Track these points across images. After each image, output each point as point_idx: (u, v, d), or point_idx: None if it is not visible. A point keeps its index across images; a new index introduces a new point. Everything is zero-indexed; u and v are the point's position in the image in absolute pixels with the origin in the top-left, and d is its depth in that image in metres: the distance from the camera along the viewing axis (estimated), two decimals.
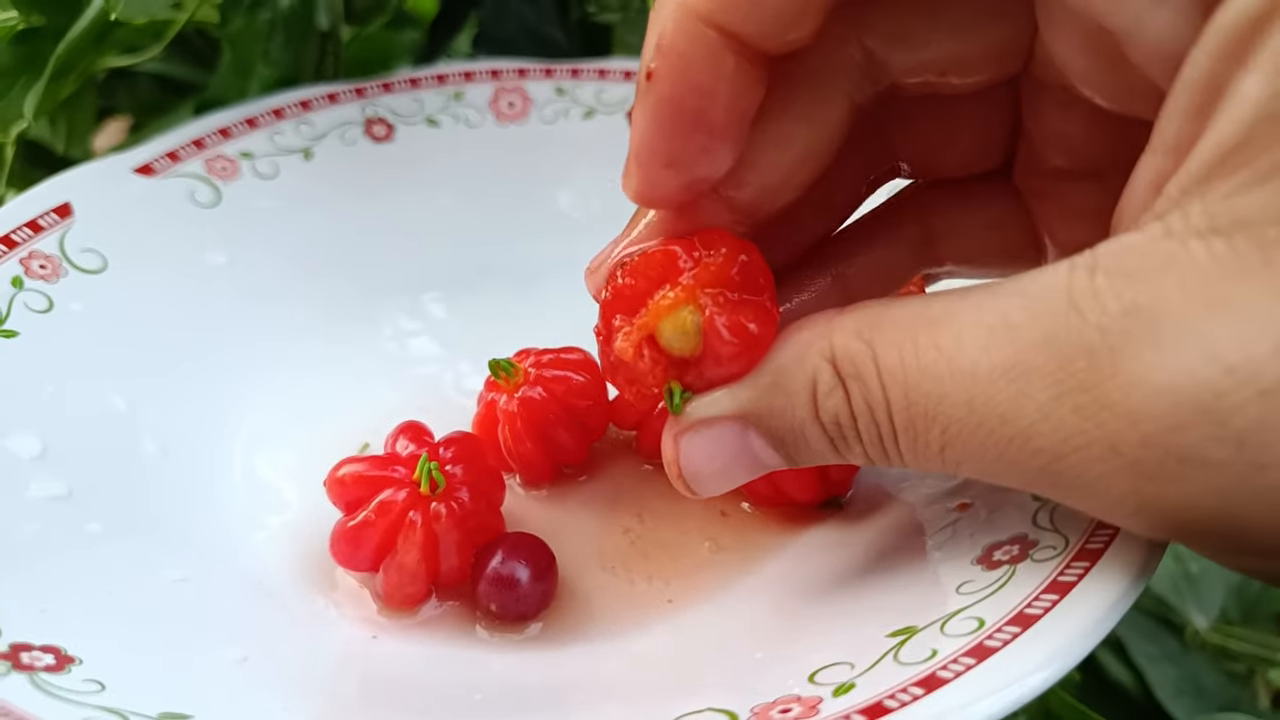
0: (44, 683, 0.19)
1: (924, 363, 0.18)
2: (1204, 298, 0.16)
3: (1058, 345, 0.17)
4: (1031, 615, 0.19)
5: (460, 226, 0.36)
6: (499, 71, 0.39)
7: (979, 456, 0.18)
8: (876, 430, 0.19)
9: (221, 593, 0.24)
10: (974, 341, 0.18)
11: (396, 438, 0.26)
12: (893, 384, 0.18)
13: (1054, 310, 0.17)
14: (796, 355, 0.20)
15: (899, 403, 0.18)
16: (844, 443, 0.20)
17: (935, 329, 0.18)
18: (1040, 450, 0.17)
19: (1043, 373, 0.17)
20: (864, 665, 0.19)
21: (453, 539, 0.24)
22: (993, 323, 0.17)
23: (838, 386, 0.19)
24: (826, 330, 0.19)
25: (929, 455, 0.19)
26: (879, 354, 0.19)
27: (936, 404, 0.18)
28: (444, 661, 0.23)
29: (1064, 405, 0.17)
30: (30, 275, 0.30)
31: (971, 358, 0.17)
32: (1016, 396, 0.17)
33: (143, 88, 0.49)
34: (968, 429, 0.18)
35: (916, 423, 0.18)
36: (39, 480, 0.26)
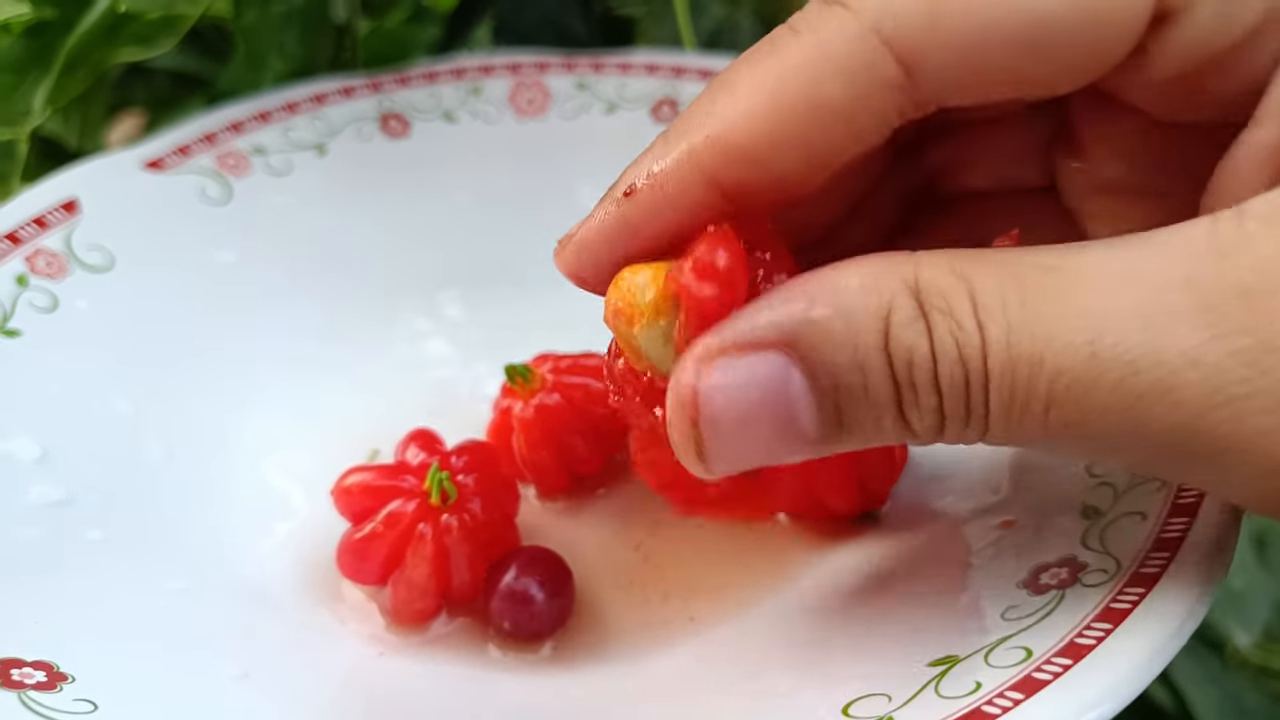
0: (33, 702, 0.18)
1: (1032, 302, 0.15)
2: None
3: (1204, 286, 0.15)
4: (1083, 646, 0.17)
5: (477, 225, 0.35)
6: (518, 65, 0.37)
7: (1098, 416, 0.15)
8: (964, 377, 0.15)
9: (223, 604, 0.23)
10: (1096, 284, 0.15)
11: (407, 446, 0.25)
12: (992, 322, 0.15)
13: (1196, 254, 0.15)
14: (866, 279, 0.16)
15: (998, 345, 0.15)
16: (913, 392, 0.16)
17: (1046, 270, 0.15)
18: (1182, 403, 0.15)
19: (1188, 315, 0.14)
20: (902, 698, 0.18)
21: (464, 552, 0.23)
22: (1119, 269, 0.15)
23: (919, 319, 0.16)
24: (910, 260, 0.16)
25: (1028, 416, 0.15)
26: (976, 290, 0.15)
27: (1046, 348, 0.15)
28: (454, 681, 0.22)
29: (1218, 349, 0.14)
30: (35, 273, 0.29)
31: (1094, 298, 0.15)
32: (1155, 340, 0.15)
33: (158, 82, 0.48)
34: (1087, 379, 0.15)
35: (1019, 371, 0.15)
36: (38, 485, 0.25)
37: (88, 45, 0.35)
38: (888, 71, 0.16)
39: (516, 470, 0.26)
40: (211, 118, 0.35)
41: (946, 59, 0.16)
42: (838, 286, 0.16)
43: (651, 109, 0.37)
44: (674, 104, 0.36)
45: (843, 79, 0.16)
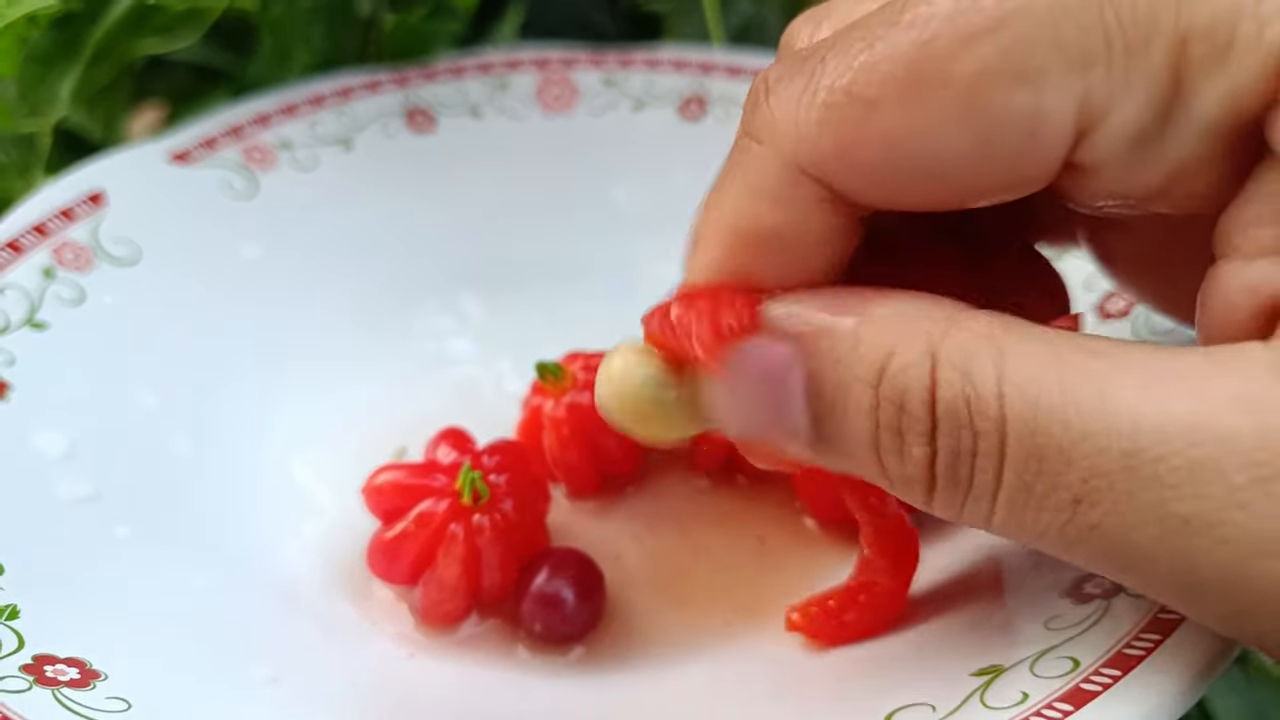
0: (67, 699, 0.18)
1: (1067, 385, 0.14)
2: None
3: (1260, 414, 0.14)
4: (1132, 656, 0.17)
5: (503, 222, 0.35)
6: (545, 61, 0.37)
7: (1134, 534, 0.14)
8: (972, 447, 0.15)
9: (253, 604, 0.23)
10: (1144, 383, 0.14)
11: (438, 444, 0.24)
12: (1019, 396, 0.14)
13: (1252, 374, 0.14)
14: (893, 314, 0.16)
15: (1020, 426, 0.14)
16: (895, 440, 0.15)
17: (1090, 356, 0.15)
18: (1227, 543, 0.14)
19: (1239, 444, 0.13)
20: (947, 708, 0.17)
21: (495, 553, 0.23)
22: (1172, 369, 0.14)
23: (921, 369, 0.15)
24: (949, 313, 0.15)
25: (1046, 508, 0.15)
26: (1008, 360, 0.15)
27: (1078, 444, 0.14)
28: (484, 684, 0.22)
29: (1269, 495, 0.13)
30: (62, 265, 0.29)
31: (1139, 401, 0.14)
32: (1201, 468, 0.14)
33: (180, 75, 0.48)
34: (1124, 490, 0.14)
35: (1045, 457, 0.14)
36: (66, 481, 0.25)
37: (114, 37, 0.35)
38: (815, 193, 0.17)
39: (546, 469, 0.26)
40: (237, 110, 0.35)
41: (863, 187, 0.16)
42: (866, 309, 0.16)
43: (679, 107, 0.36)
44: (702, 101, 0.36)
45: (782, 207, 0.17)
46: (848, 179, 0.16)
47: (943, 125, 0.15)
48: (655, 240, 0.34)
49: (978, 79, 0.15)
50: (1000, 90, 0.15)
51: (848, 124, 0.16)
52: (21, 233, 0.29)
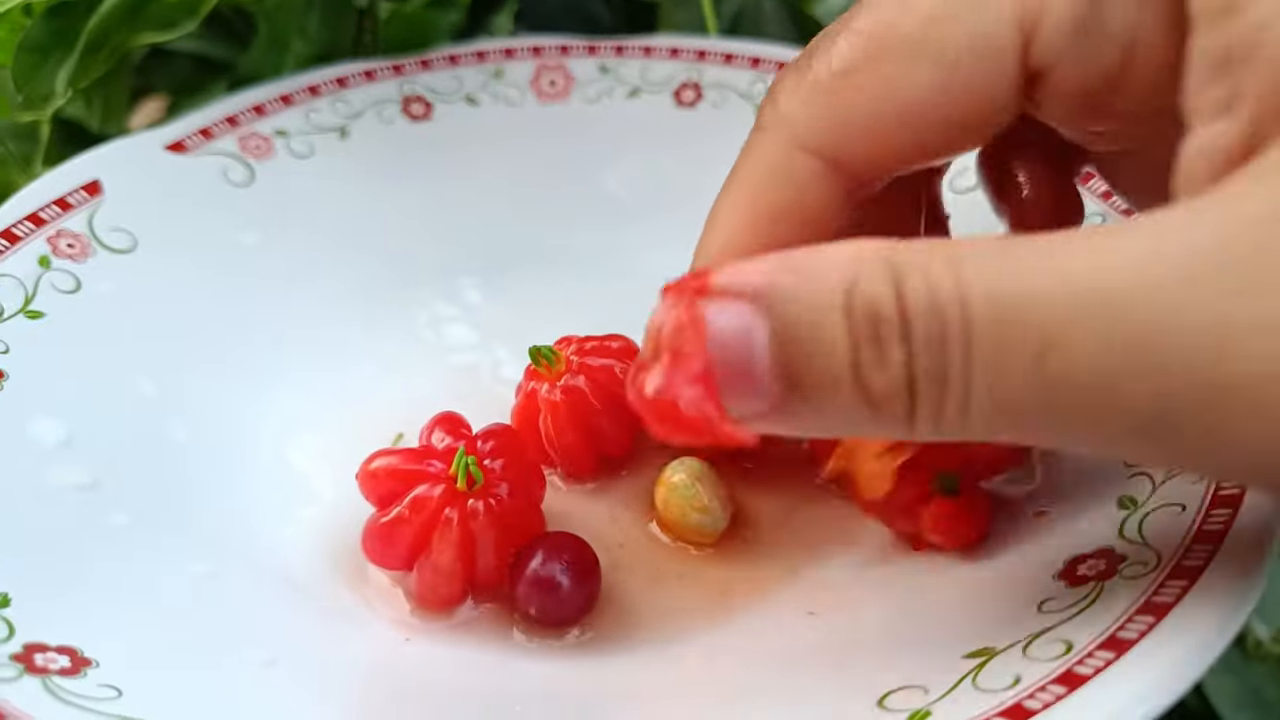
0: (57, 687, 0.18)
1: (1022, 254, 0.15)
2: None
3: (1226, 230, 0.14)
4: (1126, 640, 0.17)
5: (500, 209, 0.35)
6: (540, 48, 0.37)
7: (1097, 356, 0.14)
8: (940, 330, 0.15)
9: (249, 589, 0.23)
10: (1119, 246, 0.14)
11: (432, 429, 0.24)
12: (974, 272, 0.15)
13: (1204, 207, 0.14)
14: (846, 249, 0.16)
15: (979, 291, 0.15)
16: (875, 348, 0.15)
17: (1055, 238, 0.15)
18: (1207, 346, 0.14)
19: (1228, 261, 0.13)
20: (939, 690, 0.17)
21: (490, 538, 0.23)
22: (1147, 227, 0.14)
23: (886, 277, 0.15)
24: (897, 241, 0.16)
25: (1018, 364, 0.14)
26: (959, 249, 0.15)
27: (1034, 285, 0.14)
28: (480, 668, 0.22)
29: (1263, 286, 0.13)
30: (58, 254, 0.29)
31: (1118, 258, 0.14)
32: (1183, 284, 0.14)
33: (180, 66, 0.48)
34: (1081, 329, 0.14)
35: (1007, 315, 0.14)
36: (63, 469, 0.25)
37: (110, 26, 0.35)
38: (814, 167, 0.19)
39: (542, 454, 0.26)
40: (233, 100, 0.35)
41: (856, 150, 0.19)
42: (818, 254, 0.16)
43: (674, 92, 0.36)
44: (697, 87, 0.36)
45: (784, 184, 0.19)
46: (840, 144, 0.18)
47: (906, 68, 0.17)
48: (651, 225, 0.34)
49: (926, 21, 0.17)
50: (944, 23, 0.17)
51: (832, 95, 0.18)
52: (17, 222, 0.29)
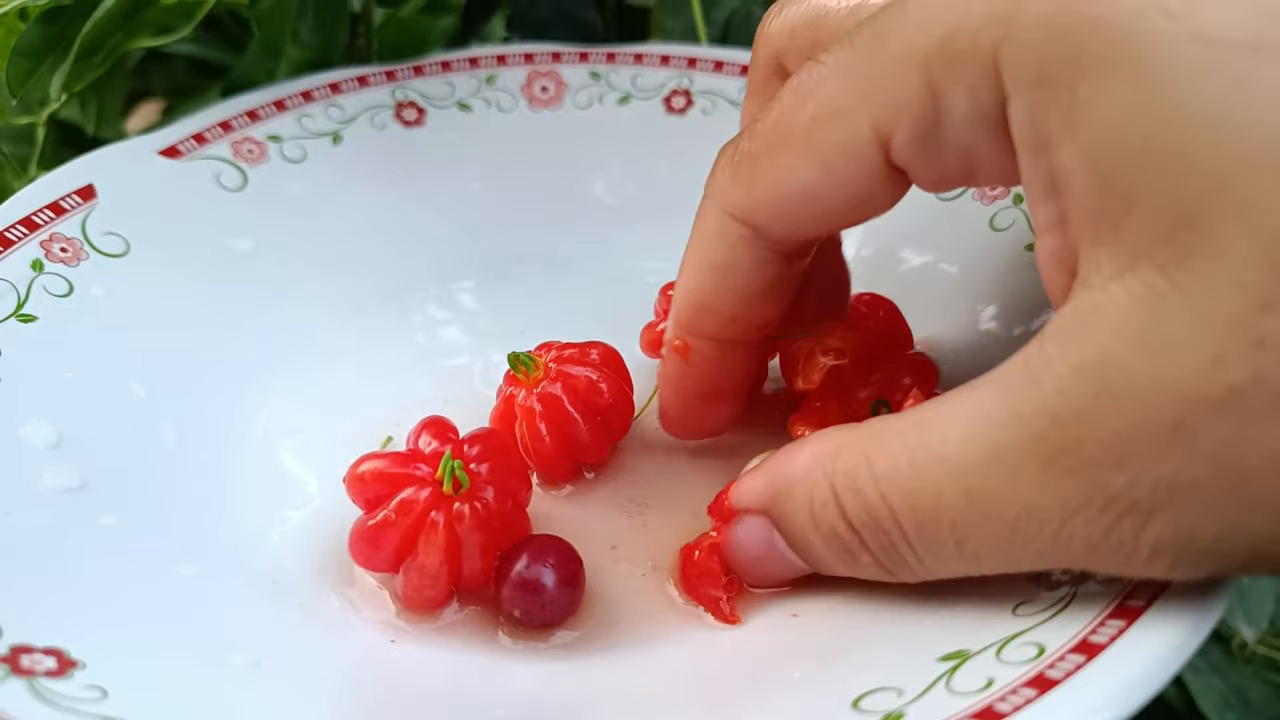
0: (43, 689, 0.18)
1: (917, 464, 0.19)
2: (1135, 338, 0.16)
3: (1027, 419, 0.17)
4: (1097, 644, 0.17)
5: (492, 214, 0.35)
6: (532, 55, 0.37)
7: (993, 544, 0.18)
8: (887, 538, 0.19)
9: (236, 591, 0.23)
10: (956, 435, 0.18)
11: (420, 433, 0.25)
12: (892, 491, 0.19)
13: (1016, 388, 0.18)
14: (804, 466, 0.21)
15: (902, 507, 0.19)
16: (849, 555, 0.20)
17: (923, 430, 0.19)
18: (1047, 520, 0.17)
19: (1022, 448, 0.17)
20: (913, 693, 0.18)
21: (476, 540, 0.23)
22: (970, 412, 0.18)
23: (831, 503, 0.20)
24: (834, 450, 0.20)
25: (947, 554, 0.19)
26: (875, 464, 0.19)
27: (937, 501, 0.18)
28: (465, 670, 0.22)
29: (1054, 472, 0.17)
30: (51, 258, 0.29)
31: (957, 451, 0.18)
32: (1008, 478, 0.17)
33: (176, 70, 0.48)
34: (974, 520, 0.18)
35: (926, 525, 0.19)
36: (52, 471, 0.25)
37: (105, 30, 0.35)
38: (740, 231, 0.23)
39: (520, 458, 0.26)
40: (227, 106, 0.35)
41: (766, 221, 0.22)
42: (789, 474, 0.21)
43: (665, 99, 0.36)
44: (687, 94, 0.36)
45: (720, 244, 0.23)
46: (753, 214, 0.22)
47: (796, 161, 0.21)
48: (642, 229, 0.34)
49: (809, 126, 0.20)
50: (822, 129, 0.20)
51: (747, 174, 0.22)
52: (10, 226, 0.29)
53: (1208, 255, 0.15)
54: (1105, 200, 0.17)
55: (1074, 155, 0.17)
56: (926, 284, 0.30)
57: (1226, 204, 0.15)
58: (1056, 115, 0.17)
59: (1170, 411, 0.16)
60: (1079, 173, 0.17)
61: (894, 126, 0.19)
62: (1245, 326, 0.15)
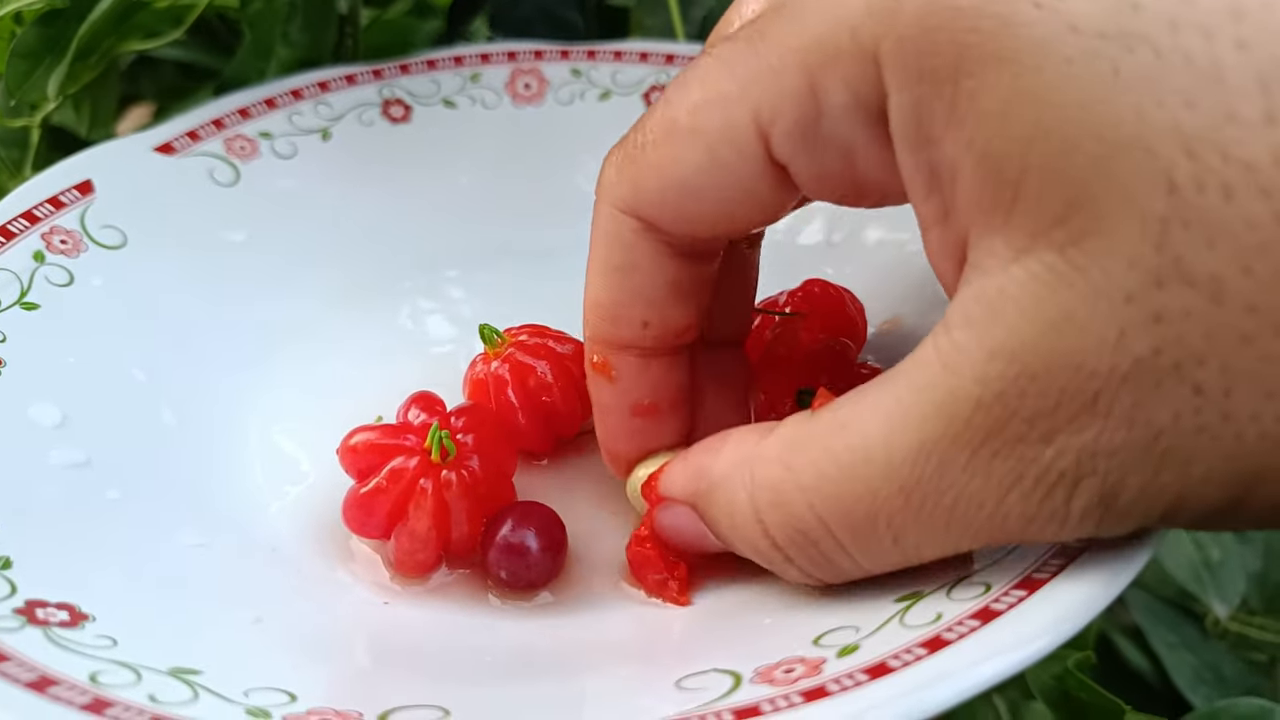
0: (58, 637, 0.20)
1: (844, 467, 0.19)
2: (1044, 320, 0.17)
3: (949, 409, 0.18)
4: (1038, 580, 0.19)
5: (477, 206, 0.36)
6: (515, 53, 0.39)
7: (931, 534, 0.19)
8: (817, 549, 0.20)
9: (237, 558, 0.25)
10: (880, 434, 0.19)
11: (409, 407, 0.26)
12: (821, 499, 0.19)
13: (933, 379, 0.18)
14: (723, 472, 0.21)
15: (833, 514, 0.19)
16: (777, 551, 0.21)
17: (845, 433, 0.19)
18: (983, 503, 0.18)
19: (949, 438, 0.18)
20: (869, 629, 0.19)
21: (463, 506, 0.24)
22: (889, 410, 0.19)
23: (751, 519, 0.20)
24: (750, 457, 0.21)
25: (884, 550, 0.19)
26: (799, 474, 0.20)
27: (871, 502, 0.19)
28: (455, 627, 0.23)
29: (983, 456, 0.18)
30: (51, 250, 0.30)
31: (884, 450, 0.18)
32: (940, 468, 0.18)
33: (165, 74, 0.49)
34: (910, 514, 0.19)
35: (860, 528, 0.19)
36: (59, 448, 0.26)
37: (100, 33, 0.36)
38: (633, 226, 0.22)
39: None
40: (219, 104, 0.36)
41: (661, 216, 0.22)
42: (710, 473, 0.22)
43: (644, 95, 0.38)
44: (665, 89, 0.38)
45: (616, 243, 0.23)
46: (643, 208, 0.22)
47: (681, 150, 0.21)
48: None
49: (693, 113, 0.20)
50: (704, 115, 0.20)
51: (632, 166, 0.22)
52: (12, 219, 0.30)
53: (1100, 236, 0.16)
54: (995, 189, 0.17)
55: (959, 148, 0.17)
56: (895, 265, 0.32)
57: (1110, 187, 0.16)
58: (940, 110, 0.17)
59: (1086, 386, 0.17)
60: (966, 164, 0.17)
61: (774, 119, 0.19)
62: (1143, 302, 0.16)
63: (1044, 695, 0.30)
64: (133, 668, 0.19)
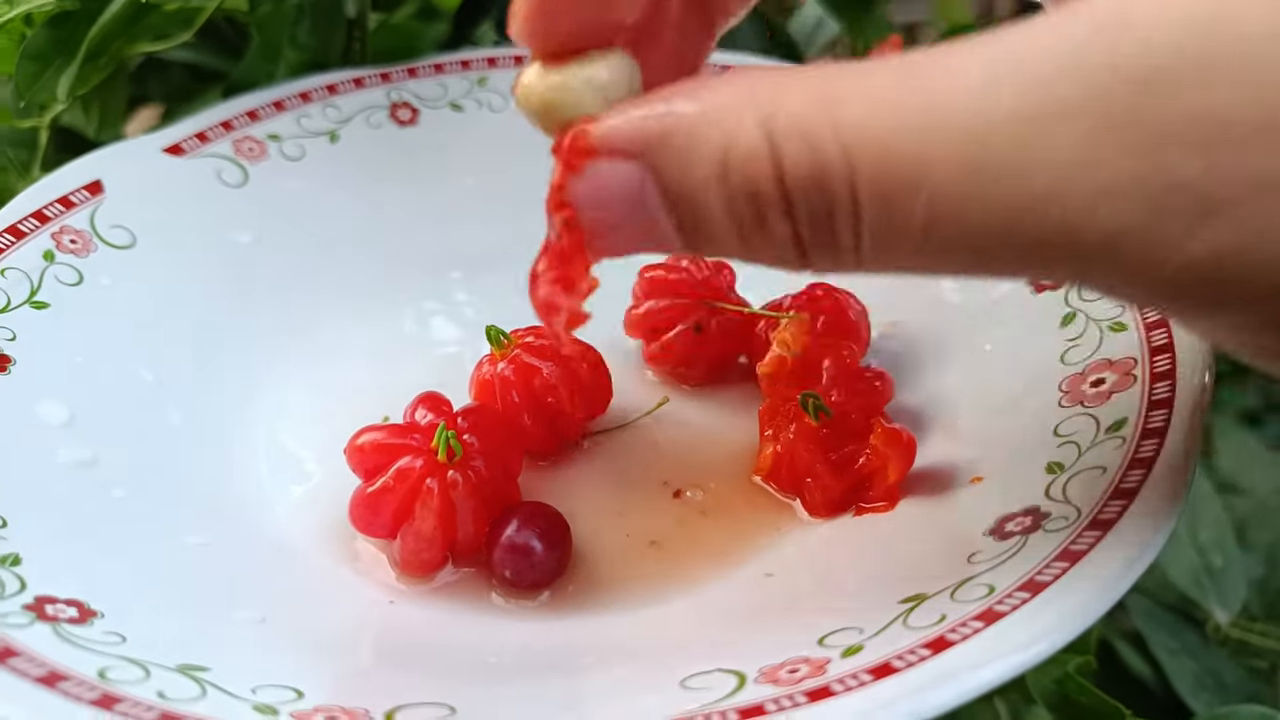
0: (67, 633, 0.20)
1: (906, 111, 0.15)
2: (1270, 5, 0.13)
3: (1094, 74, 0.14)
4: (1042, 582, 0.19)
5: (482, 208, 0.37)
6: (523, 57, 0.39)
7: (984, 228, 0.14)
8: (827, 207, 0.15)
9: (242, 557, 0.25)
10: (978, 78, 0.14)
11: (415, 408, 0.26)
12: (862, 144, 0.15)
13: (1083, 37, 0.14)
14: (723, 103, 0.16)
15: (870, 168, 0.15)
16: (757, 224, 0.16)
17: (921, 70, 0.15)
18: (1070, 202, 0.14)
19: (1077, 108, 0.14)
20: (873, 630, 0.19)
21: (469, 506, 0.24)
22: (1001, 54, 0.14)
23: (763, 154, 0.15)
24: (774, 85, 0.16)
25: (903, 239, 0.15)
26: (842, 109, 0.15)
27: (925, 165, 0.14)
28: (459, 626, 0.24)
29: (1108, 143, 0.14)
30: (61, 249, 0.30)
31: (976, 99, 0.14)
32: (1043, 140, 0.14)
33: (173, 76, 0.49)
34: (971, 192, 0.14)
35: (895, 196, 0.15)
36: (66, 446, 0.26)
37: (110, 35, 0.36)
38: None
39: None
40: (228, 106, 0.36)
41: None
42: (695, 110, 0.16)
43: None
44: None
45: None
46: None
47: None
48: None
49: None
50: None
51: None
52: (23, 219, 0.30)
53: None
54: None
55: None
56: None
57: None
58: None
59: None
60: None
61: None
62: None
63: (1044, 699, 0.30)
64: (141, 664, 0.19)
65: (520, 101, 0.18)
